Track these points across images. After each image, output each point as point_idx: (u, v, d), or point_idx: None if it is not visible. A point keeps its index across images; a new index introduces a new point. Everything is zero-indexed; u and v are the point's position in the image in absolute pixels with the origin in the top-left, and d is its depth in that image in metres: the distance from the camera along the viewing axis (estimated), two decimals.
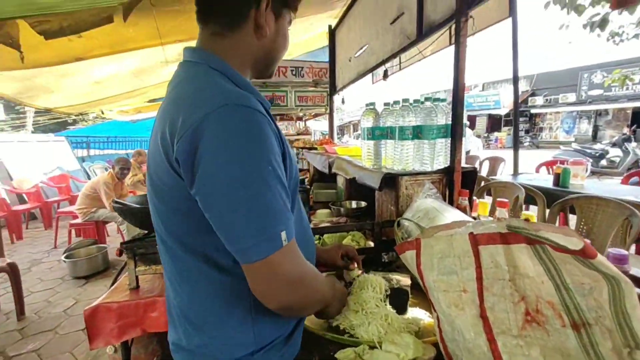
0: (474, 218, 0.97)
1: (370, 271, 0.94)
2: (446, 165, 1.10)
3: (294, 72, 3.93)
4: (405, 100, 1.14)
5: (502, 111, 18.18)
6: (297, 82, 4.01)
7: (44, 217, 5.59)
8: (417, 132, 1.09)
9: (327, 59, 3.24)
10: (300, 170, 3.48)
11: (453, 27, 1.16)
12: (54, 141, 9.00)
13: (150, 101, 6.28)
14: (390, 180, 1.11)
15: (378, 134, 1.24)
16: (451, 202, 1.06)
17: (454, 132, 1.06)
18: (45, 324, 2.49)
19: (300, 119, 6.19)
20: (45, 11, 2.17)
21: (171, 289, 0.64)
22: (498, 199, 1.07)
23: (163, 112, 0.57)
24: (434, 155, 1.10)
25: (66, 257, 3.42)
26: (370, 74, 2.54)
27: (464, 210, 0.98)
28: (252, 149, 0.50)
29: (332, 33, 2.98)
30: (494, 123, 19.61)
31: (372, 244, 1.15)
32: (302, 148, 3.92)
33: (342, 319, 0.79)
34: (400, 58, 2.56)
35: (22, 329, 2.43)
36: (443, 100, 1.14)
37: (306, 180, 2.56)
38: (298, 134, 6.14)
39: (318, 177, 2.57)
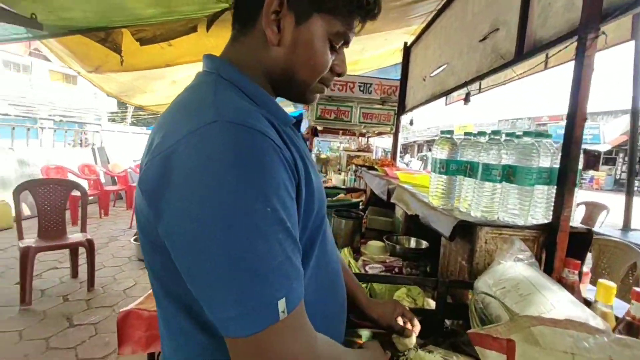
0: (587, 303, 0.70)
1: (429, 344, 0.74)
2: (547, 222, 0.85)
3: (361, 88, 3.82)
4: (495, 133, 0.92)
5: (603, 147, 15.57)
6: (363, 99, 3.89)
7: (127, 199, 6.40)
8: (509, 174, 0.86)
9: (398, 77, 3.06)
10: (357, 190, 3.30)
11: (571, 45, 0.91)
12: (145, 133, 10.40)
13: None
14: (465, 229, 0.89)
15: (454, 168, 1.03)
16: (549, 272, 0.80)
17: (564, 180, 0.80)
18: (107, 300, 2.71)
19: (363, 135, 6.05)
20: (143, 21, 2.42)
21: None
22: (604, 264, 0.77)
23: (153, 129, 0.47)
24: (529, 206, 0.85)
25: (134, 239, 3.77)
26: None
27: (571, 288, 0.72)
28: (241, 182, 0.36)
29: (407, 50, 2.80)
30: (591, 160, 16.91)
31: (432, 302, 0.93)
32: (361, 166, 3.76)
33: None
34: (480, 82, 2.26)
35: (89, 300, 2.69)
36: (548, 136, 0.89)
37: (361, 203, 2.39)
38: (359, 150, 6.00)
39: (375, 200, 2.38)
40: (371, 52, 4.06)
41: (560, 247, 0.80)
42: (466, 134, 1.07)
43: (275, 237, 0.37)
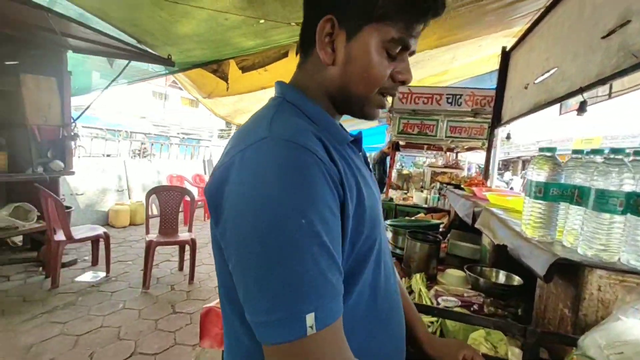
0: None
1: None
2: None
3: (449, 100, 3.55)
4: (616, 151, 0.73)
5: None
6: (451, 111, 3.61)
7: None
8: (637, 204, 0.66)
9: (492, 86, 2.74)
10: (439, 210, 3.04)
11: None
12: None
13: None
14: (568, 269, 0.71)
15: (555, 193, 0.84)
16: None
17: None
18: (202, 294, 3.11)
19: (451, 150, 5.58)
20: (245, 52, 2.79)
21: None
22: None
23: None
24: None
25: None
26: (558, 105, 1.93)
27: None
28: (280, 194, 0.38)
29: (506, 55, 2.49)
30: None
31: (517, 351, 0.77)
32: (447, 184, 3.44)
33: None
34: (611, 86, 1.84)
35: (188, 291, 3.13)
36: None
37: (443, 225, 2.18)
38: (446, 167, 5.56)
39: (459, 223, 2.14)
40: (462, 61, 3.76)
41: None
42: (574, 152, 0.88)
43: (309, 250, 0.37)
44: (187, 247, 3.37)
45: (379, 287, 0.52)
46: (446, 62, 3.61)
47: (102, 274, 3.24)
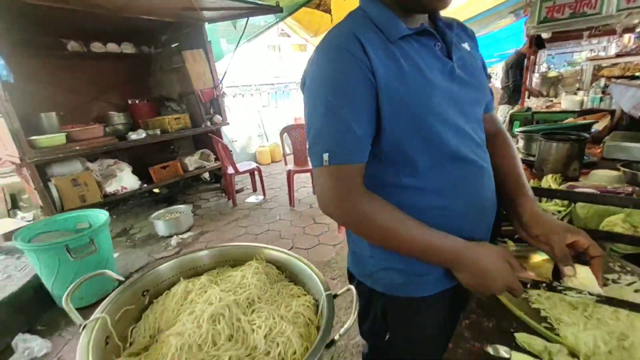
0: None
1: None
2: None
3: None
4: None
5: None
6: None
7: None
8: None
9: None
10: (596, 111, 2.50)
11: None
12: None
13: None
14: None
15: None
16: None
17: None
18: None
19: (630, 29, 4.07)
20: None
21: None
22: None
23: None
24: None
25: None
26: None
27: None
28: (321, 83, 0.61)
29: None
30: None
31: None
32: (617, 77, 2.63)
33: (549, 307, 0.61)
34: None
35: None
36: None
37: (596, 126, 1.84)
38: (619, 56, 4.22)
39: (629, 122, 1.73)
40: None
41: None
42: None
43: (330, 115, 0.60)
44: None
45: (445, 156, 0.64)
46: None
47: (261, 197, 4.28)
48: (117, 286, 0.77)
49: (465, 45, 0.73)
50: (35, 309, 2.13)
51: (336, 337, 0.61)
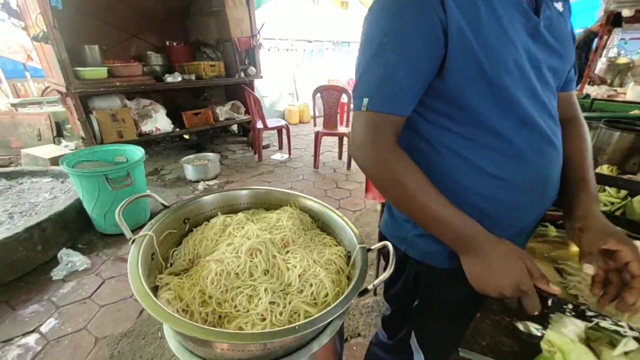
0: None
1: None
2: None
3: None
4: None
5: None
6: None
7: None
8: None
9: None
10: None
11: None
12: None
13: None
14: None
15: None
16: None
17: None
18: (357, 177, 3.69)
19: None
20: None
21: None
22: None
23: None
24: None
25: None
26: None
27: None
28: (378, 21, 0.57)
29: None
30: None
31: None
32: None
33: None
34: None
35: (347, 174, 3.78)
36: None
37: None
38: None
39: None
40: None
41: None
42: None
43: (378, 59, 0.56)
44: (345, 140, 3.92)
45: (508, 126, 0.58)
46: None
47: (286, 155, 4.31)
48: (163, 209, 0.81)
49: (558, 6, 0.64)
50: (77, 228, 2.34)
51: (370, 287, 0.62)
